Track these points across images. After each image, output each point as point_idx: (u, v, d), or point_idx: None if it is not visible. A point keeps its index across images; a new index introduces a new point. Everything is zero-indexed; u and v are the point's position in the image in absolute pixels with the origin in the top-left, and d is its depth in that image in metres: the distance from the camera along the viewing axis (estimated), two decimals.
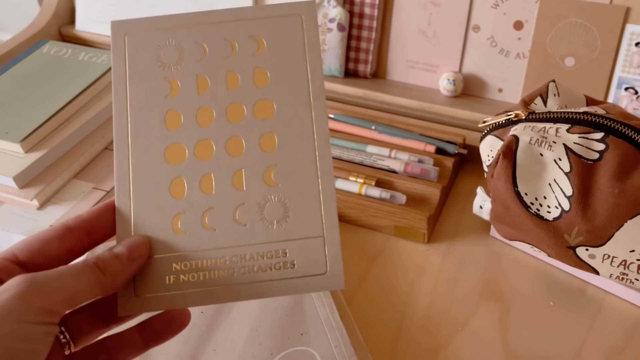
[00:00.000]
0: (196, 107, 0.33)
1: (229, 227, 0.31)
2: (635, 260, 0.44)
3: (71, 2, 0.81)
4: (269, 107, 0.33)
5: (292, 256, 0.31)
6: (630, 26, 0.60)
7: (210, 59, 0.33)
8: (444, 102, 0.67)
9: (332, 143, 0.61)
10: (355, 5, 0.68)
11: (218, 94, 0.33)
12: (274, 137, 0.32)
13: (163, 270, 0.31)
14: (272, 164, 0.32)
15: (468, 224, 0.56)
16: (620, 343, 0.46)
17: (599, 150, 0.44)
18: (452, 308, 0.48)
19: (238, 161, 0.32)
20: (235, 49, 0.33)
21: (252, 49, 0.33)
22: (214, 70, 0.33)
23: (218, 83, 0.33)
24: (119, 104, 0.33)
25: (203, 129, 0.32)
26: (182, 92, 0.33)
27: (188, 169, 0.32)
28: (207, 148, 0.32)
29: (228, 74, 0.33)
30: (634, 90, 0.61)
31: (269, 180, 0.32)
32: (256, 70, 0.33)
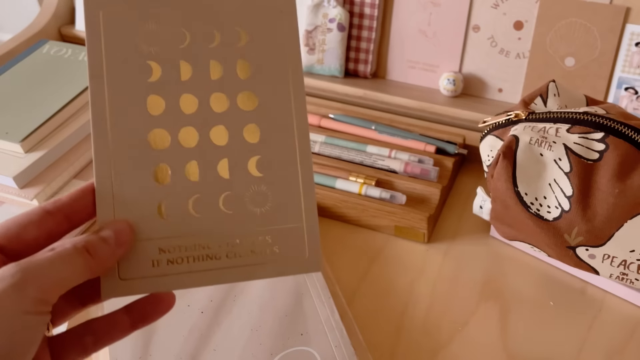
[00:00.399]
0: (179, 94, 0.32)
1: (214, 213, 0.32)
2: (635, 260, 0.44)
3: (71, 2, 0.81)
4: (251, 99, 0.33)
5: (274, 242, 0.32)
6: (630, 26, 0.60)
7: (193, 46, 0.33)
8: (444, 102, 0.67)
9: (332, 143, 0.61)
10: (355, 5, 0.68)
11: (201, 82, 0.33)
12: (256, 128, 0.33)
13: (148, 254, 0.31)
14: (255, 154, 0.32)
15: (468, 224, 0.56)
16: (620, 343, 0.46)
17: (599, 150, 0.44)
18: (452, 308, 0.48)
19: (222, 150, 0.32)
20: (217, 38, 0.33)
21: (235, 40, 0.33)
22: (197, 58, 0.33)
23: (201, 71, 0.33)
24: (95, 83, 0.32)
25: (187, 116, 0.32)
26: (164, 77, 0.32)
27: (172, 155, 0.32)
28: (191, 135, 0.32)
29: (211, 63, 0.33)
30: (634, 90, 0.61)
31: (253, 170, 0.32)
32: (239, 61, 0.33)
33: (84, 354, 0.31)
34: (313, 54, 0.70)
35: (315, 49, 0.70)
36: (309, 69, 0.71)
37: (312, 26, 0.69)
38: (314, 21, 0.69)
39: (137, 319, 0.32)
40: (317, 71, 0.71)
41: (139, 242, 0.31)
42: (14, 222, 0.29)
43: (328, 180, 0.57)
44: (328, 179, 0.57)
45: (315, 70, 0.71)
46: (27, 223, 0.29)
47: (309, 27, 0.69)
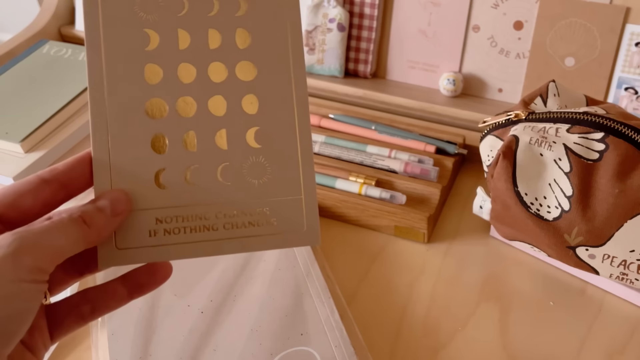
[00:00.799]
0: (177, 63, 0.32)
1: (212, 184, 0.32)
2: (635, 260, 0.44)
3: (71, 2, 0.81)
4: (250, 69, 0.33)
5: (272, 214, 0.32)
6: (630, 26, 0.60)
7: (191, 15, 0.32)
8: (444, 102, 0.67)
9: (332, 143, 0.61)
10: (355, 5, 0.68)
11: (199, 51, 0.32)
12: (255, 99, 0.32)
13: (145, 224, 0.31)
14: (253, 125, 0.32)
15: (468, 224, 0.56)
16: (620, 343, 0.46)
17: (598, 150, 0.44)
18: (452, 308, 0.48)
19: (220, 120, 0.32)
20: (216, 6, 0.33)
21: (234, 9, 0.33)
22: (195, 26, 0.32)
23: (199, 40, 0.32)
24: (92, 51, 0.31)
25: (185, 85, 0.32)
26: (161, 46, 0.32)
27: (169, 125, 0.32)
28: (189, 105, 0.32)
29: (210, 31, 0.32)
30: (633, 90, 0.61)
31: (251, 141, 0.32)
32: (238, 30, 0.33)
33: (81, 322, 0.31)
34: (313, 54, 0.70)
35: (315, 49, 0.70)
36: (309, 69, 0.71)
37: (312, 26, 0.69)
38: (314, 21, 0.69)
39: (134, 288, 0.32)
40: (317, 71, 0.71)
41: (136, 211, 0.31)
42: (10, 190, 0.29)
43: (328, 180, 0.57)
44: (328, 179, 0.57)
45: (315, 70, 0.71)
46: (24, 191, 0.29)
47: (309, 27, 0.69)
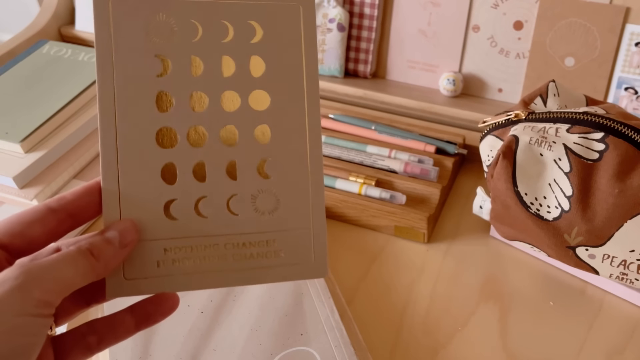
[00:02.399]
0: (189, 91, 0.31)
1: (221, 215, 0.32)
2: (635, 260, 0.44)
3: (71, 3, 0.81)
4: (264, 98, 0.32)
5: (280, 245, 0.32)
6: (630, 26, 0.60)
7: (205, 41, 0.32)
8: (443, 102, 0.67)
9: (332, 143, 0.61)
10: (355, 6, 0.68)
11: (213, 79, 0.32)
12: (267, 129, 0.32)
13: (154, 254, 0.31)
14: (265, 156, 0.32)
15: (468, 224, 0.56)
16: (620, 343, 0.46)
17: (598, 150, 0.44)
18: (452, 308, 0.48)
19: (232, 151, 0.32)
20: (231, 32, 0.32)
21: (249, 35, 0.32)
22: (209, 53, 0.32)
23: (213, 67, 0.32)
24: (104, 77, 0.31)
25: (196, 114, 0.31)
26: (174, 73, 0.31)
27: (180, 155, 0.31)
28: (200, 134, 0.32)
29: (223, 59, 0.32)
30: (633, 90, 0.61)
31: (262, 172, 0.32)
32: (252, 58, 0.32)
33: (88, 353, 0.31)
34: None
35: None
36: None
37: None
38: None
39: (141, 319, 0.32)
40: None
41: (145, 242, 0.31)
42: (18, 219, 0.29)
43: (328, 180, 0.57)
44: (328, 179, 0.57)
45: None
46: (31, 221, 0.29)
47: None
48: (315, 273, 0.32)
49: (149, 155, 0.31)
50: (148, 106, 0.31)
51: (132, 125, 0.31)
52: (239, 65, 0.32)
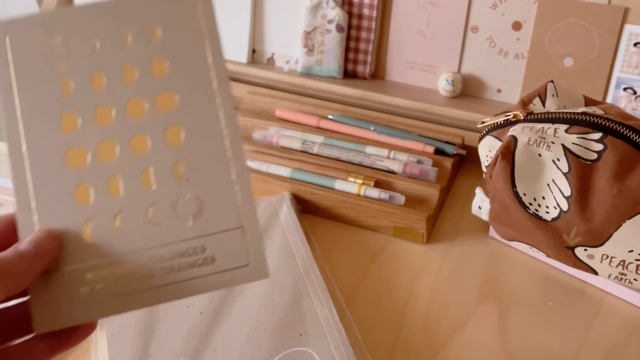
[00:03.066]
0: (93, 107, 0.31)
1: (142, 228, 0.30)
2: (633, 260, 0.44)
3: (70, 4, 0.82)
4: (170, 99, 0.31)
5: (212, 251, 0.30)
6: (629, 26, 0.60)
7: (103, 54, 0.31)
8: (442, 102, 0.67)
9: (331, 144, 0.61)
10: (353, 7, 0.68)
11: (115, 90, 0.31)
12: (179, 129, 0.31)
13: (76, 282, 0.29)
14: (180, 158, 0.31)
15: (467, 225, 0.56)
16: (620, 343, 0.46)
17: (597, 151, 0.44)
18: (452, 308, 0.48)
19: (145, 159, 0.31)
20: (129, 40, 0.31)
21: (147, 39, 0.31)
22: (108, 65, 0.31)
23: (114, 78, 0.31)
24: (9, 114, 0.30)
25: (103, 129, 0.31)
26: (75, 92, 0.31)
27: (92, 173, 0.30)
28: (110, 149, 0.31)
29: (124, 67, 0.31)
30: (632, 91, 0.62)
31: (179, 175, 0.30)
32: (154, 60, 0.31)
33: None
34: (312, 55, 0.70)
35: (314, 50, 0.70)
36: (308, 70, 0.71)
37: (311, 27, 0.69)
38: (312, 22, 0.69)
39: (55, 344, 0.30)
40: (316, 72, 0.71)
41: (65, 270, 0.30)
42: None
43: (327, 181, 0.57)
44: (327, 180, 0.57)
45: (314, 72, 0.71)
46: None
47: (308, 28, 0.69)
48: (254, 275, 0.30)
49: (61, 179, 0.30)
50: (53, 131, 0.30)
51: (40, 153, 0.30)
52: (141, 70, 0.31)
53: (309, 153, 0.60)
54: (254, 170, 0.58)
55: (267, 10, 0.72)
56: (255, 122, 0.64)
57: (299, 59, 0.71)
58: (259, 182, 0.57)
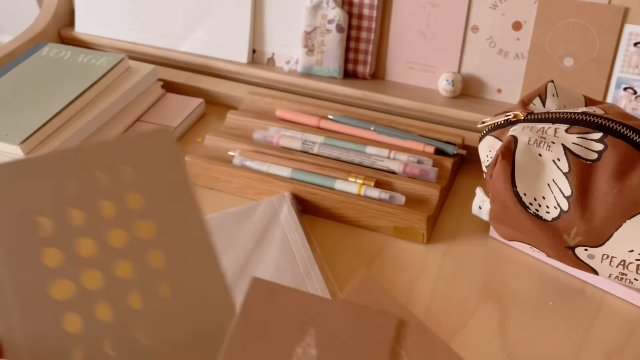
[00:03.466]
0: (74, 240, 0.31)
1: (135, 348, 0.30)
2: (634, 260, 0.44)
3: (70, 4, 0.82)
4: (149, 227, 0.32)
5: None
6: (629, 26, 0.60)
7: (78, 192, 0.32)
8: (443, 102, 0.67)
9: (331, 144, 0.61)
10: (354, 7, 0.68)
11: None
12: (161, 254, 0.32)
13: None
14: (164, 277, 0.31)
15: (467, 225, 0.56)
16: (620, 343, 0.46)
17: (597, 151, 0.44)
18: (452, 308, 0.48)
19: (130, 282, 0.31)
20: (101, 178, 0.32)
21: (121, 178, 0.32)
22: (83, 201, 0.32)
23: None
24: None
25: (86, 259, 0.31)
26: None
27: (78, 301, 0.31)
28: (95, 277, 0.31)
29: (101, 202, 0.32)
30: (632, 90, 0.62)
31: (165, 292, 0.31)
32: (129, 195, 0.32)
33: None
34: (312, 56, 0.70)
35: (314, 50, 0.70)
36: (308, 70, 0.71)
37: (311, 27, 0.69)
38: (312, 22, 0.69)
39: None
40: (316, 72, 0.71)
41: None
42: None
43: (327, 181, 0.57)
44: (327, 180, 0.57)
45: (314, 72, 0.71)
46: None
47: (308, 29, 0.69)
48: None
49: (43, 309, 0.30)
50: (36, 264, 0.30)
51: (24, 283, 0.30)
52: (117, 204, 0.32)
53: (309, 153, 0.60)
54: (254, 170, 0.58)
55: (267, 10, 0.72)
56: (255, 122, 0.64)
57: (299, 59, 0.71)
58: (259, 182, 0.57)
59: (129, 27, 0.78)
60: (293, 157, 0.59)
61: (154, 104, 0.70)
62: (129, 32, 0.78)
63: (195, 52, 0.75)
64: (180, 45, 0.76)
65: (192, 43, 0.76)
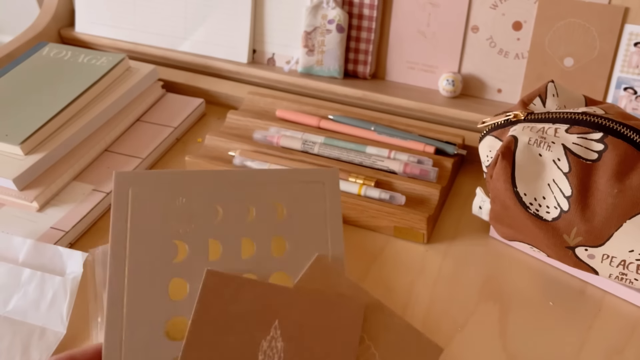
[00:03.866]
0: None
1: None
2: (634, 260, 0.44)
3: (71, 4, 0.82)
4: (284, 280, 0.30)
5: None
6: (629, 26, 0.60)
7: (225, 223, 0.30)
8: (443, 102, 0.67)
9: (332, 144, 0.61)
10: (354, 7, 0.68)
11: (230, 262, 0.30)
12: None
13: None
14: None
15: (467, 225, 0.56)
16: (620, 343, 0.46)
17: (597, 151, 0.44)
18: (452, 308, 0.48)
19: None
20: (253, 214, 0.30)
21: (271, 216, 0.31)
22: (228, 235, 0.30)
23: (231, 250, 0.30)
24: (116, 266, 0.29)
25: None
26: (189, 258, 0.29)
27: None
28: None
29: (243, 240, 0.30)
30: (632, 90, 0.62)
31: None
32: (274, 238, 0.30)
33: None
34: (312, 56, 0.70)
35: (315, 50, 0.70)
36: (308, 70, 0.71)
37: (311, 27, 0.69)
38: (313, 22, 0.69)
39: None
40: (317, 72, 0.71)
41: None
42: None
43: None
44: None
45: (315, 72, 0.71)
46: None
47: (308, 29, 0.69)
48: None
49: (158, 349, 0.28)
50: (160, 295, 0.29)
51: (143, 317, 0.28)
52: (259, 246, 0.30)
53: (309, 153, 0.60)
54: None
55: (268, 10, 0.72)
56: (255, 122, 0.64)
57: (299, 59, 0.71)
58: None
59: (129, 27, 0.78)
60: (293, 157, 0.59)
61: (154, 104, 0.70)
62: (129, 32, 0.78)
63: (195, 52, 0.75)
64: (180, 45, 0.76)
65: (192, 43, 0.76)
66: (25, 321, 0.46)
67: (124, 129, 0.66)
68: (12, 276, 0.48)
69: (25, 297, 0.47)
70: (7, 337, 0.45)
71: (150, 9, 0.77)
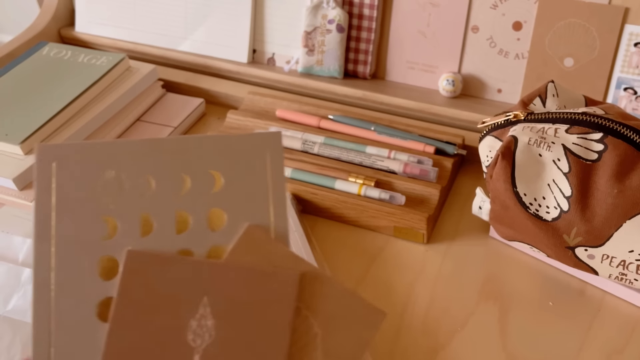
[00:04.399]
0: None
1: None
2: (634, 260, 0.44)
3: (71, 4, 0.82)
4: (223, 254, 0.29)
5: None
6: (629, 26, 0.60)
7: (158, 196, 0.28)
8: (443, 102, 0.67)
9: (332, 144, 0.61)
10: (354, 7, 0.68)
11: (164, 238, 0.28)
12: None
13: None
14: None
15: (467, 225, 0.56)
16: (620, 343, 0.46)
17: (597, 151, 0.44)
18: (452, 308, 0.48)
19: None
20: (188, 184, 0.29)
21: (208, 186, 0.29)
22: (161, 209, 0.28)
23: (165, 225, 0.28)
24: (41, 246, 0.27)
25: None
26: (120, 235, 0.28)
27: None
28: None
29: (178, 214, 0.28)
30: (633, 91, 0.62)
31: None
32: (212, 211, 0.29)
33: None
34: (312, 55, 0.70)
35: (315, 50, 0.70)
36: (308, 70, 0.71)
37: (311, 27, 0.69)
38: (313, 22, 0.69)
39: None
40: (317, 72, 0.71)
41: None
42: None
43: (327, 181, 0.57)
44: (327, 180, 0.57)
45: (315, 72, 0.71)
46: None
47: (308, 29, 0.69)
48: None
49: (89, 332, 0.27)
50: (89, 276, 0.27)
51: (71, 300, 0.27)
52: (195, 220, 0.29)
53: (309, 153, 0.60)
54: None
55: (268, 10, 0.72)
56: (255, 122, 0.64)
57: (299, 59, 0.71)
58: None
59: (129, 27, 0.78)
60: (293, 157, 0.59)
61: (154, 104, 0.70)
62: (129, 32, 0.78)
63: (195, 52, 0.75)
64: (180, 45, 0.76)
65: (192, 43, 0.76)
66: (25, 321, 0.46)
67: (124, 129, 0.66)
68: (12, 276, 0.48)
69: (25, 297, 0.47)
70: (7, 336, 0.45)
71: (150, 9, 0.77)
